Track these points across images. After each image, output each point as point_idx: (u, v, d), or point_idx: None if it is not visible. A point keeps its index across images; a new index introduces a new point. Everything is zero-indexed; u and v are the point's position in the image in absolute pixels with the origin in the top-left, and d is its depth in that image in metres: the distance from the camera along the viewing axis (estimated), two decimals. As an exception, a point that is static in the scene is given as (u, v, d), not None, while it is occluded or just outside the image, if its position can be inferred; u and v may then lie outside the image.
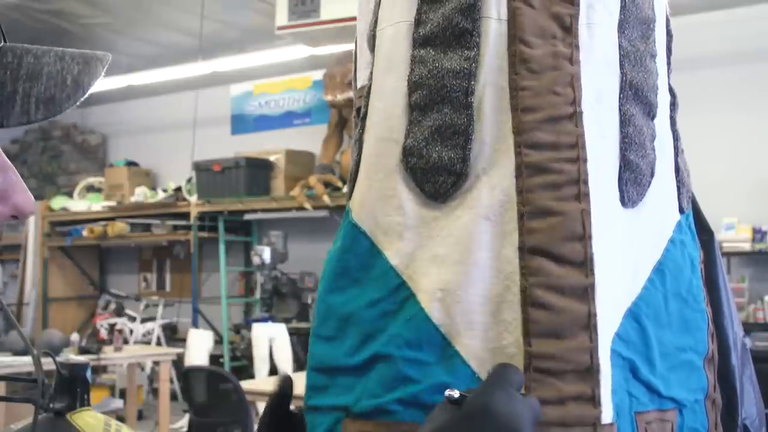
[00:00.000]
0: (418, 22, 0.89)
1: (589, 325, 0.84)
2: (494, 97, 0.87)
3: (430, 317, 0.86)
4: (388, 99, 0.91)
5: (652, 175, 0.92)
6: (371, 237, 0.91)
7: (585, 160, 0.86)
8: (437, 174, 0.87)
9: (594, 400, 0.83)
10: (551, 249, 0.84)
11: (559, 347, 0.83)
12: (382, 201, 0.90)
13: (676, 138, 0.98)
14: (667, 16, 0.99)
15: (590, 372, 0.84)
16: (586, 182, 0.85)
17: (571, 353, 0.83)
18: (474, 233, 0.85)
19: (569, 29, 0.87)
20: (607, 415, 0.84)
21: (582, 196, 0.85)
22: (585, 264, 0.84)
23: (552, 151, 0.85)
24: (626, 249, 0.88)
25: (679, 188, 0.97)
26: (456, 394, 0.74)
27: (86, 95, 0.64)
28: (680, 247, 0.96)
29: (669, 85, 0.99)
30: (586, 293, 0.84)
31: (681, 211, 0.97)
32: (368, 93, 0.94)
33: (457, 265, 0.85)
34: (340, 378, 0.91)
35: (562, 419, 0.82)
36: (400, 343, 0.86)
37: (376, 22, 0.94)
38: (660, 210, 0.94)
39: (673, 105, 0.99)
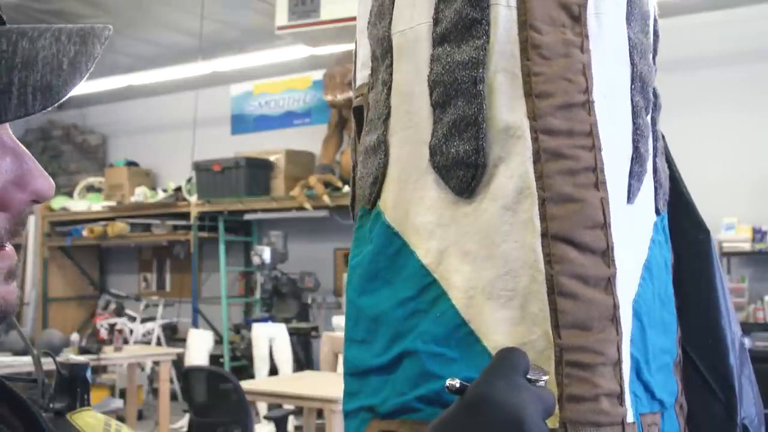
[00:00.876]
0: (435, 22, 0.89)
1: (614, 317, 0.82)
2: (507, 83, 0.86)
3: (460, 313, 0.85)
4: (415, 102, 0.91)
5: (646, 171, 0.92)
6: (404, 237, 0.90)
7: (600, 149, 0.85)
8: (457, 169, 0.86)
9: (621, 397, 0.82)
10: (573, 236, 0.82)
11: (589, 339, 0.81)
12: (416, 202, 0.90)
13: (655, 138, 0.98)
14: (655, 16, 0.99)
15: (618, 367, 0.82)
16: (602, 170, 0.85)
17: (602, 345, 0.81)
18: (497, 224, 0.84)
19: (578, 18, 0.87)
20: (629, 413, 0.82)
21: (600, 184, 0.84)
22: (606, 253, 0.83)
23: (567, 138, 0.84)
24: (628, 244, 0.88)
25: (656, 189, 0.97)
26: (456, 383, 0.71)
27: (84, 79, 0.62)
28: (658, 247, 0.95)
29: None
30: (609, 284, 0.83)
31: (657, 212, 0.97)
32: (388, 94, 0.93)
33: (486, 260, 0.84)
34: (370, 380, 0.91)
35: (597, 419, 0.80)
36: (427, 339, 0.86)
37: (390, 22, 0.94)
38: (645, 209, 0.94)
39: (655, 105, 0.98)
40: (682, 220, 1.01)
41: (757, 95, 6.48)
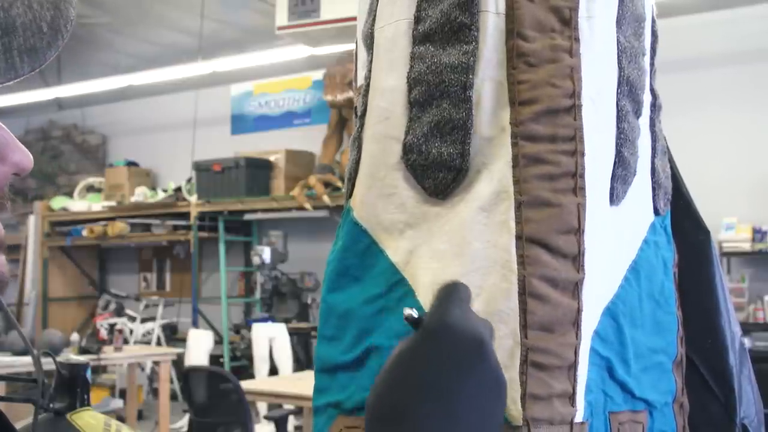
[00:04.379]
0: (417, 19, 0.89)
1: (576, 321, 0.84)
2: (493, 91, 0.86)
3: (424, 309, 0.85)
4: (388, 97, 0.90)
5: (635, 173, 0.92)
6: (372, 235, 0.91)
7: (583, 154, 0.85)
8: (437, 170, 0.86)
9: (572, 398, 0.84)
10: (548, 240, 0.84)
11: (551, 342, 0.83)
12: (384, 199, 0.90)
13: (654, 139, 0.98)
14: (653, 17, 0.98)
15: (572, 369, 0.84)
16: (582, 176, 0.85)
17: (561, 349, 0.83)
18: (470, 224, 0.85)
19: (568, 22, 0.87)
20: (580, 413, 0.84)
21: (578, 190, 0.85)
22: (577, 258, 0.84)
23: (549, 143, 0.85)
24: (608, 246, 0.88)
25: (654, 189, 0.97)
26: (414, 313, 0.73)
27: (65, 40, 0.64)
28: (654, 248, 0.95)
29: (651, 86, 0.98)
30: (576, 288, 0.84)
31: (657, 212, 0.97)
32: (366, 91, 0.93)
33: (456, 258, 0.85)
34: (339, 376, 0.92)
35: (550, 418, 0.82)
36: (391, 335, 0.87)
37: (374, 20, 0.94)
38: (636, 210, 0.94)
39: (654, 106, 0.98)
40: (682, 220, 1.01)
41: (758, 95, 6.48)
